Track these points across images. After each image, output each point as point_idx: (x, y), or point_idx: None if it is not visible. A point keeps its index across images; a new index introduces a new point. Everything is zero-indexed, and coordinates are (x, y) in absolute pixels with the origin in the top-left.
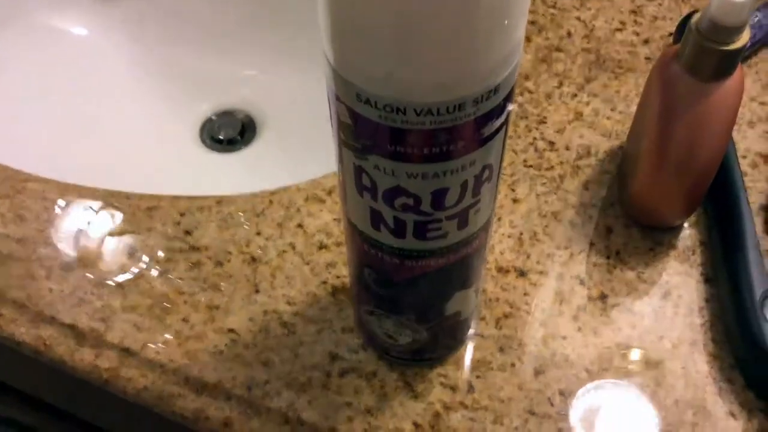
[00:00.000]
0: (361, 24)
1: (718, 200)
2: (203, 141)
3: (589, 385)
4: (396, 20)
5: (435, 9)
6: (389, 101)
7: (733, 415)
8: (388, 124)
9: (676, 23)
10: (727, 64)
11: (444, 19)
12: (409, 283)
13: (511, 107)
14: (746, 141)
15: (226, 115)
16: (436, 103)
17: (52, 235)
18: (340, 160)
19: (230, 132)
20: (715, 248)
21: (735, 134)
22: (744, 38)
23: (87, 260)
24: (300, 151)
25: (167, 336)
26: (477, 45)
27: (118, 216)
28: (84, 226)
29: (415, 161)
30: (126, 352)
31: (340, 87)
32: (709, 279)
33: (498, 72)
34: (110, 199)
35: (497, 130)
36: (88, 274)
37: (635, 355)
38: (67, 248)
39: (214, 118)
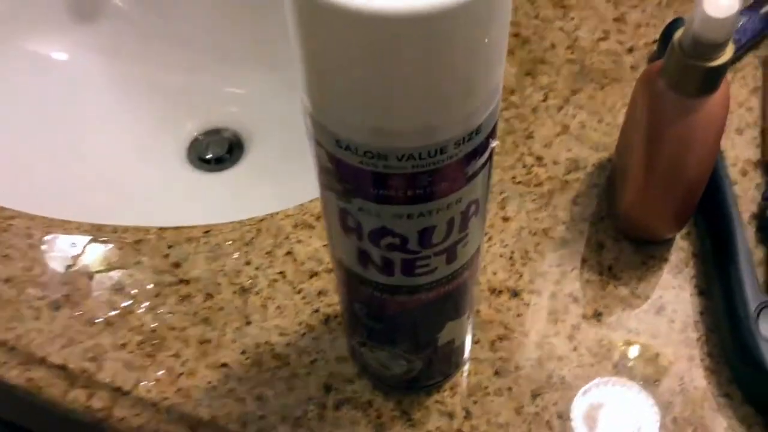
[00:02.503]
0: (337, 77)
1: (709, 212)
2: (191, 161)
3: (588, 406)
4: (372, 73)
5: (411, 62)
6: (370, 148)
7: (733, 430)
8: (370, 168)
9: (660, 30)
10: (711, 80)
11: (420, 70)
12: (400, 316)
13: (494, 143)
14: (735, 149)
15: (212, 134)
16: (417, 147)
17: (39, 274)
18: (324, 201)
19: (218, 151)
20: (708, 261)
21: (724, 142)
22: (728, 53)
23: (75, 298)
24: (289, 169)
25: (159, 373)
26: (456, 91)
27: (106, 250)
28: (71, 263)
29: (399, 203)
30: (118, 391)
31: (319, 133)
32: (702, 292)
33: (479, 113)
34: (97, 233)
35: (481, 167)
36: (76, 313)
37: (632, 373)
38: (54, 287)
39: (200, 137)
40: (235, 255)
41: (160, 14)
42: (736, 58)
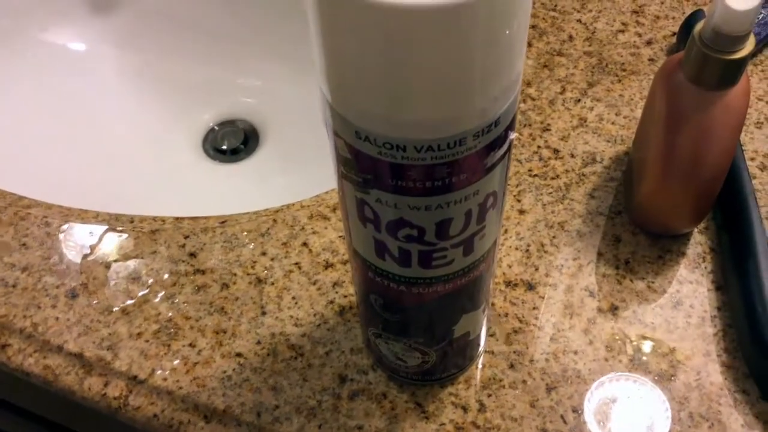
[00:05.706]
0: (357, 66)
1: (727, 206)
2: (206, 151)
3: (602, 401)
4: (391, 63)
5: (430, 51)
6: (389, 139)
7: (749, 426)
8: (389, 160)
9: (680, 22)
10: (732, 73)
11: (440, 62)
12: (416, 308)
13: (513, 135)
14: (754, 143)
15: (228, 125)
16: (436, 139)
17: (57, 263)
18: (342, 191)
19: (233, 141)
20: (726, 255)
21: (742, 136)
22: (749, 47)
23: (92, 287)
24: (304, 160)
25: (175, 362)
26: (474, 83)
27: (122, 240)
28: (88, 252)
29: (417, 194)
30: (134, 380)
31: (337, 123)
32: (720, 286)
33: (498, 105)
34: (114, 222)
35: (500, 159)
36: (93, 301)
37: (648, 368)
38: (71, 275)
39: (216, 128)
40: (251, 245)
41: (176, 6)
42: (756, 51)
